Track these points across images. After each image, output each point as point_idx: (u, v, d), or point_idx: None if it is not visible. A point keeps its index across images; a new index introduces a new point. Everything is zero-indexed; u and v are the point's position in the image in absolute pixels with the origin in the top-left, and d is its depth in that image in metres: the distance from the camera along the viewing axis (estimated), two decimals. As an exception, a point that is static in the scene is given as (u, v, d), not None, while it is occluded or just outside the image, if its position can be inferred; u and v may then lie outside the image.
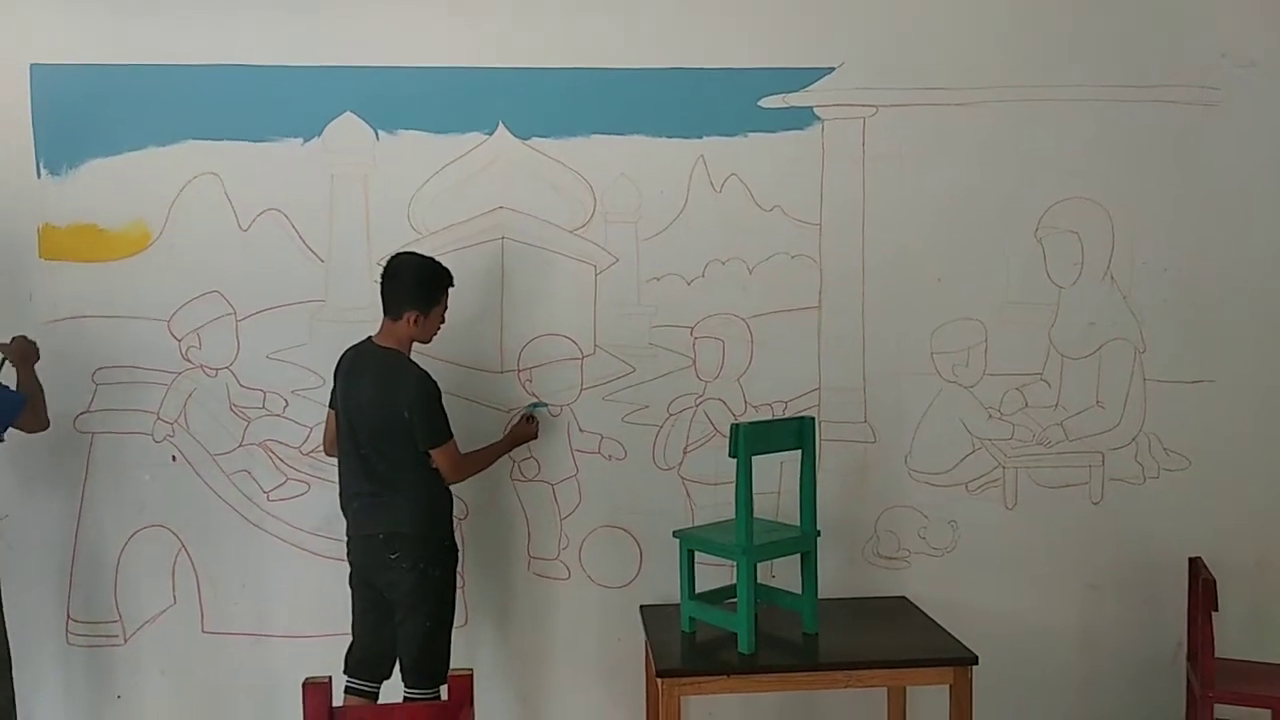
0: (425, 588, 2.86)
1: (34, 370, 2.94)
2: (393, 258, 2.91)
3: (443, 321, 2.95)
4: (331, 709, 2.23)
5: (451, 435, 2.86)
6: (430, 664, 2.87)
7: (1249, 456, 3.46)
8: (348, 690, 2.93)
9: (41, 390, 2.93)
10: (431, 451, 2.82)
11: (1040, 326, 3.40)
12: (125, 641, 3.24)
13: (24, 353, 2.93)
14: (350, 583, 2.96)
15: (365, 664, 2.93)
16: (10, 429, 2.84)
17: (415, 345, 2.93)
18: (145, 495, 3.22)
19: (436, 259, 2.92)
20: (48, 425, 2.95)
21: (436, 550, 2.89)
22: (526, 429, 3.16)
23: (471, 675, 2.28)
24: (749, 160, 3.28)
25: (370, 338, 2.91)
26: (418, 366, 2.86)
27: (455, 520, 3.01)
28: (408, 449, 2.81)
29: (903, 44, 3.31)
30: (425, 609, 2.87)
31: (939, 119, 3.32)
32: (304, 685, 2.21)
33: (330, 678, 2.25)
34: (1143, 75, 3.36)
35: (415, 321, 2.85)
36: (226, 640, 3.27)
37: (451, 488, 2.95)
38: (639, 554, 3.34)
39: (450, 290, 2.94)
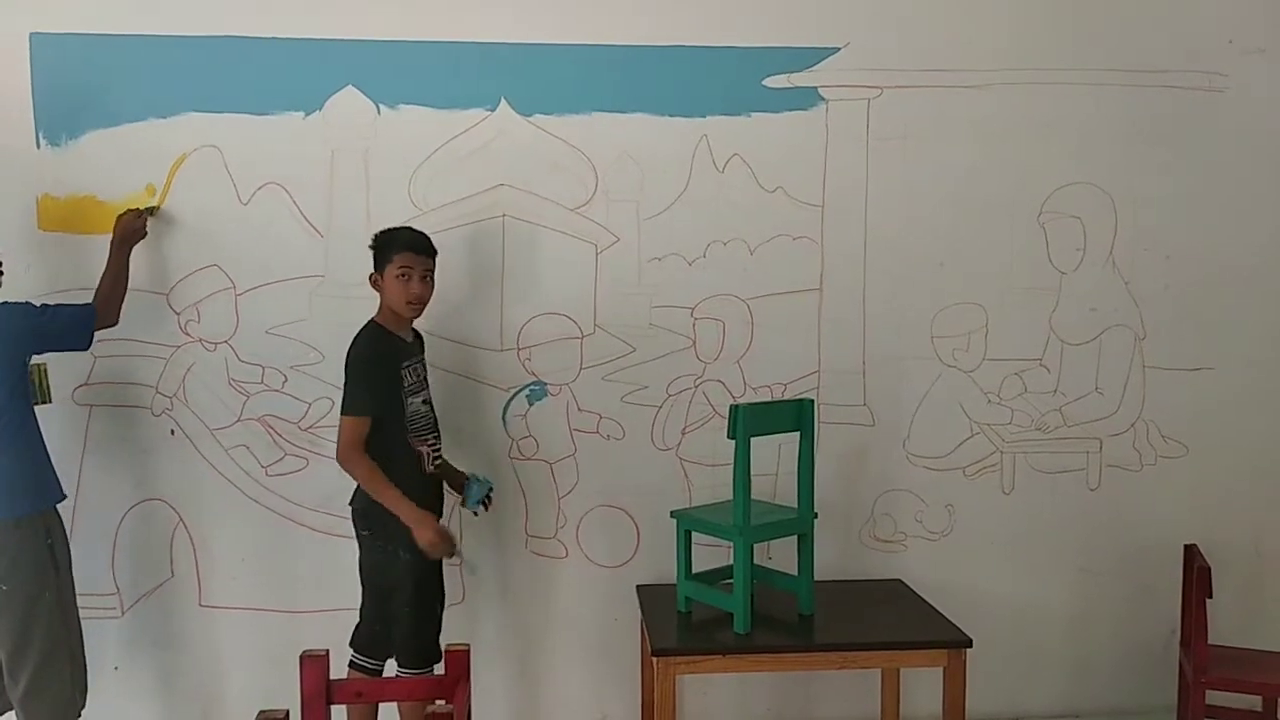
0: (397, 570, 2.79)
1: (129, 254, 2.99)
2: None
3: (409, 281, 2.79)
4: (329, 682, 2.24)
5: (360, 412, 2.71)
6: (415, 647, 2.82)
7: (1247, 445, 3.47)
8: (351, 665, 2.92)
9: (126, 278, 2.98)
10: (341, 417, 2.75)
11: (1041, 312, 3.40)
12: (123, 614, 3.24)
13: (126, 230, 2.99)
14: None
15: (367, 641, 2.92)
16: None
17: (419, 318, 2.92)
18: (143, 469, 3.21)
19: (400, 225, 2.90)
20: (115, 322, 2.97)
21: (400, 530, 2.74)
22: None
23: (468, 650, 2.29)
24: (752, 140, 3.26)
25: None
26: (365, 331, 2.82)
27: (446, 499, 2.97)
28: None
29: (908, 25, 3.29)
30: (402, 593, 2.81)
31: (944, 101, 3.31)
32: (301, 658, 2.22)
33: (328, 651, 2.26)
34: (1149, 60, 3.35)
35: (376, 284, 2.85)
36: (224, 614, 3.27)
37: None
38: (636, 534, 3.35)
39: (411, 253, 2.80)
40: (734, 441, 2.74)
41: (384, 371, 2.78)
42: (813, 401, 2.94)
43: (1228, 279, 3.43)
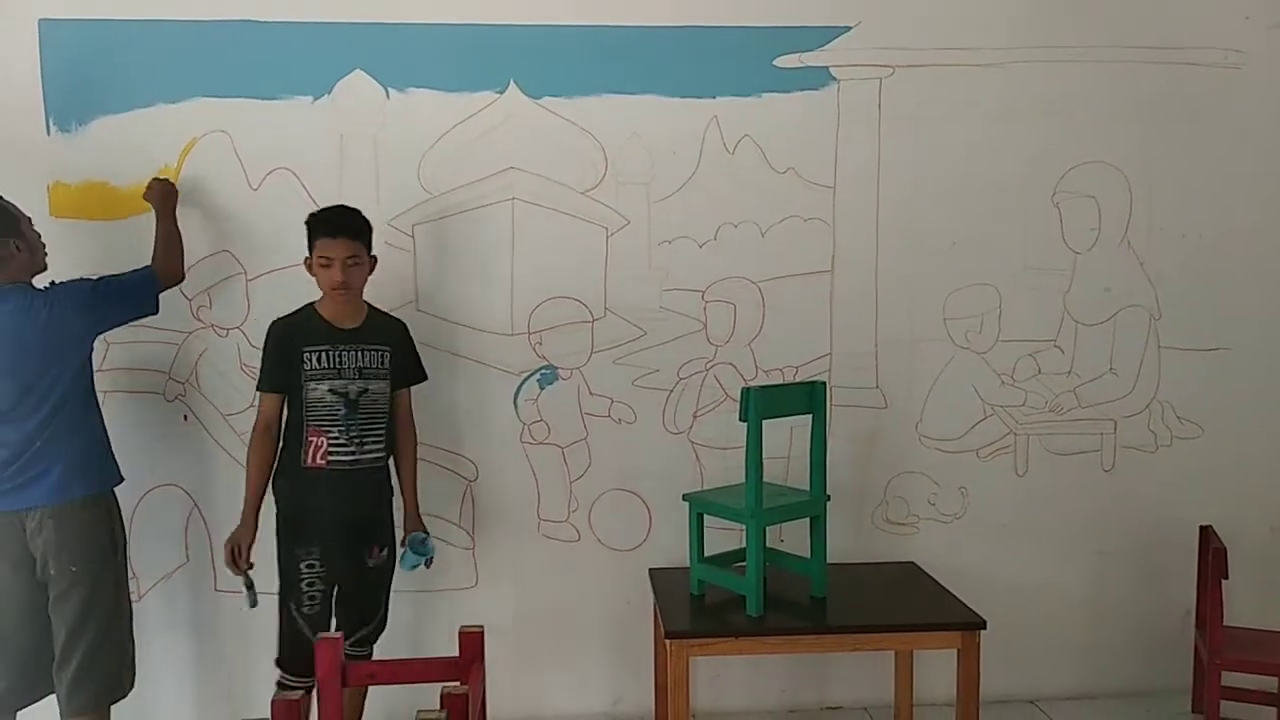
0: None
1: (174, 216, 3.02)
2: None
3: (329, 269, 2.78)
4: (343, 664, 2.25)
5: (259, 386, 2.87)
6: (282, 643, 2.85)
7: (1262, 425, 3.45)
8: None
9: (179, 237, 3.00)
10: None
11: (1055, 292, 3.38)
12: (138, 599, 3.25)
13: (163, 195, 3.01)
14: None
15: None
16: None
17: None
18: (157, 454, 3.23)
19: (328, 206, 2.91)
20: (182, 278, 3.01)
21: (280, 520, 2.88)
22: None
23: (483, 631, 2.31)
24: (763, 121, 3.24)
25: None
26: (290, 313, 2.88)
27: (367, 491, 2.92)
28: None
29: (920, 3, 3.26)
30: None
31: (956, 80, 3.28)
32: (317, 640, 2.23)
33: (342, 634, 2.27)
34: (1165, 37, 3.31)
35: (309, 267, 2.86)
36: (238, 599, 3.27)
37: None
38: (648, 517, 3.35)
39: (328, 240, 2.78)
40: (745, 424, 2.73)
41: (280, 350, 2.83)
42: (824, 384, 2.92)
43: (1244, 258, 3.40)
